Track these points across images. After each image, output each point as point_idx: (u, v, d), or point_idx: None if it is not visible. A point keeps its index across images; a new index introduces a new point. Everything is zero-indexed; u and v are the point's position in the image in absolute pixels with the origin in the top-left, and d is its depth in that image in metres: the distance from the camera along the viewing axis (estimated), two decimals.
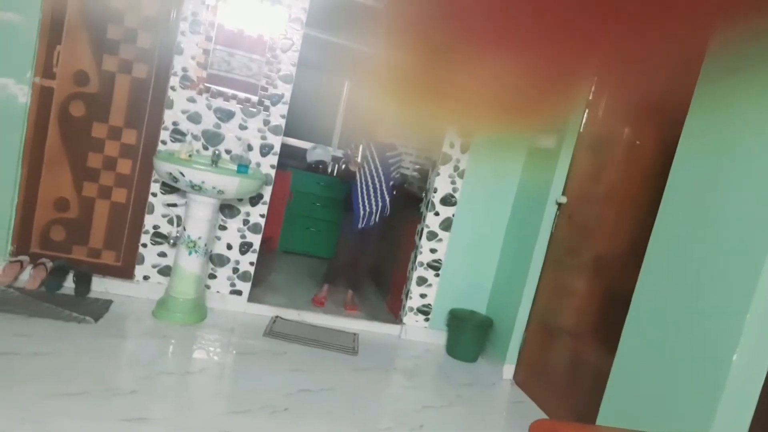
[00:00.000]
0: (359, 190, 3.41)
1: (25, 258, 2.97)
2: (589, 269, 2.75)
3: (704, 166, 2.00)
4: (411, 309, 3.51)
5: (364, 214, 3.42)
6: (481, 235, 3.50)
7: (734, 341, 1.69)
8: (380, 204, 3.43)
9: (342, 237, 3.65)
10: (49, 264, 2.96)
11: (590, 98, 2.95)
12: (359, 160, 3.41)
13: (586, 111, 2.96)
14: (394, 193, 3.59)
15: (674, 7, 0.34)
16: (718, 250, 1.85)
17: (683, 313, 1.95)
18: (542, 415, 2.79)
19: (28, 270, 2.93)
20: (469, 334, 3.32)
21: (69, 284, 2.95)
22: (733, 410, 1.71)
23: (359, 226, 3.44)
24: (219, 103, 3.06)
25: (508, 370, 3.17)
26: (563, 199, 2.99)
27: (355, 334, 3.33)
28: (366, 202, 3.41)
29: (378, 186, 3.41)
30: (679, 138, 2.13)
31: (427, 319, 3.53)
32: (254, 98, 3.09)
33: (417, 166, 4.78)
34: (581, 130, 2.98)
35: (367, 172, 3.40)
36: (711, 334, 1.81)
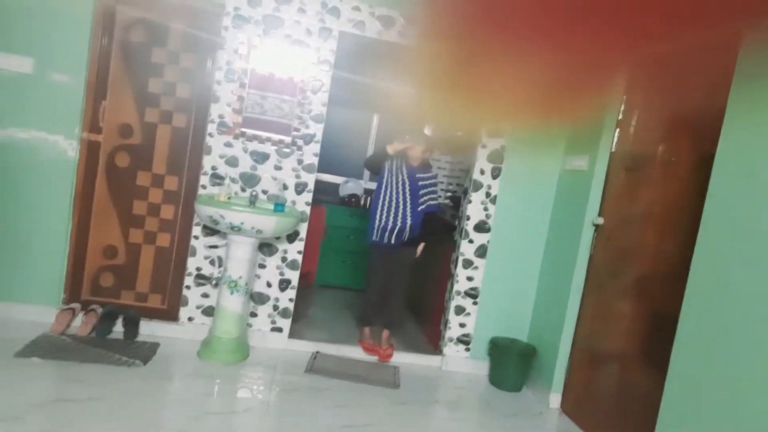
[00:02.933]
0: (379, 198, 3.25)
1: (76, 305, 3.10)
2: (633, 291, 2.69)
3: (744, 179, 1.96)
4: (451, 339, 3.48)
5: (379, 226, 3.24)
6: (518, 260, 3.47)
7: None
8: (399, 224, 3.23)
9: (370, 268, 3.46)
10: (99, 310, 3.09)
11: (620, 117, 2.93)
12: (394, 149, 3.19)
13: (617, 130, 2.94)
14: (431, 223, 3.36)
15: (704, 11, 0.34)
16: (763, 267, 1.79)
17: (733, 333, 1.88)
18: None
19: (80, 317, 3.05)
20: (511, 363, 3.26)
21: (118, 329, 3.05)
22: None
23: (372, 238, 3.27)
24: (254, 146, 3.17)
25: (555, 398, 3.09)
26: (600, 221, 2.95)
27: (396, 367, 3.31)
28: (384, 214, 3.23)
29: (401, 203, 3.23)
30: (716, 151, 2.10)
31: (467, 349, 3.49)
32: (287, 139, 3.19)
33: (448, 194, 4.80)
34: (613, 150, 2.95)
35: (392, 184, 3.24)
36: (764, 356, 1.73)
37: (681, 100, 2.62)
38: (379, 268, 3.41)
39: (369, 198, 5.27)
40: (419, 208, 3.30)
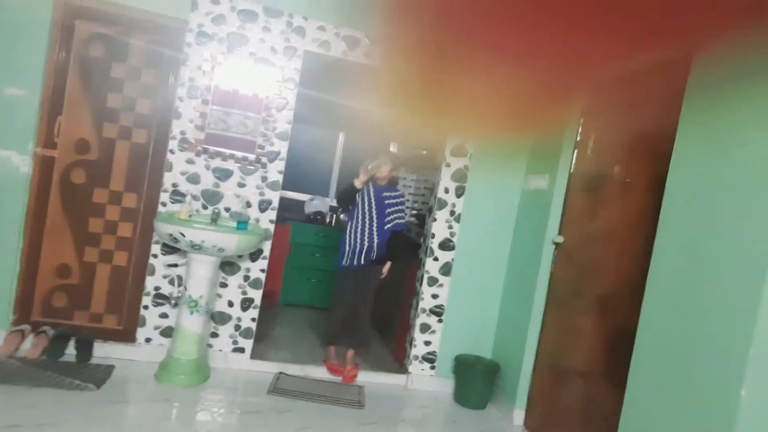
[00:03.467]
0: (349, 226, 3.32)
1: (26, 327, 2.96)
2: (594, 307, 2.75)
3: (694, 199, 2.04)
4: (416, 357, 3.47)
5: (348, 251, 3.28)
6: (482, 278, 3.50)
7: (740, 376, 1.68)
8: (366, 244, 3.28)
9: (337, 286, 3.48)
10: (51, 332, 2.95)
11: (578, 139, 3.02)
12: (361, 182, 3.25)
13: (576, 151, 3.03)
14: (398, 242, 3.39)
15: (659, 31, 0.35)
16: (715, 284, 1.86)
17: (687, 349, 1.94)
18: None
19: (30, 339, 2.91)
20: (476, 381, 3.27)
21: (71, 351, 2.93)
22: None
23: (342, 263, 3.31)
24: (217, 162, 3.13)
25: (519, 415, 3.11)
26: (560, 239, 3.02)
27: (360, 386, 3.28)
28: (353, 238, 3.29)
29: (368, 223, 3.27)
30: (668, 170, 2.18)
31: (432, 367, 3.49)
32: (251, 156, 3.16)
33: (414, 212, 4.83)
34: (572, 170, 3.04)
35: (360, 209, 3.29)
36: (716, 369, 1.79)
37: (636, 123, 2.73)
38: (347, 287, 3.41)
39: (334, 215, 5.26)
40: (385, 227, 3.32)
